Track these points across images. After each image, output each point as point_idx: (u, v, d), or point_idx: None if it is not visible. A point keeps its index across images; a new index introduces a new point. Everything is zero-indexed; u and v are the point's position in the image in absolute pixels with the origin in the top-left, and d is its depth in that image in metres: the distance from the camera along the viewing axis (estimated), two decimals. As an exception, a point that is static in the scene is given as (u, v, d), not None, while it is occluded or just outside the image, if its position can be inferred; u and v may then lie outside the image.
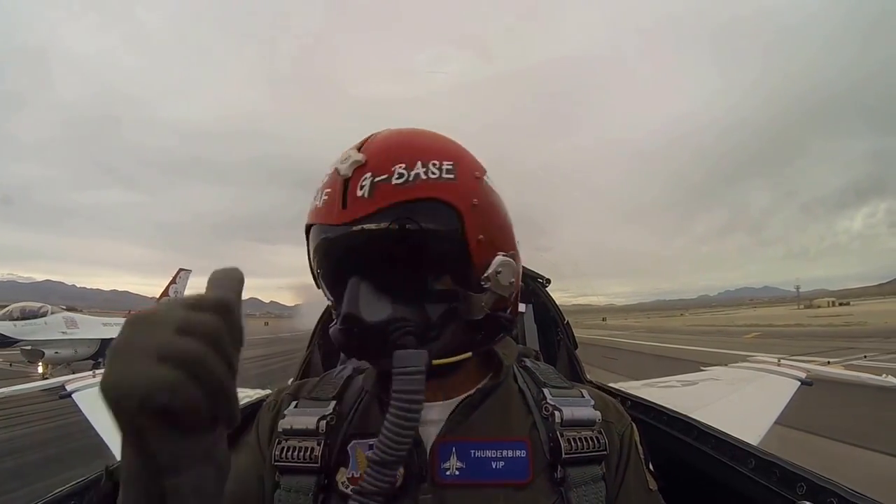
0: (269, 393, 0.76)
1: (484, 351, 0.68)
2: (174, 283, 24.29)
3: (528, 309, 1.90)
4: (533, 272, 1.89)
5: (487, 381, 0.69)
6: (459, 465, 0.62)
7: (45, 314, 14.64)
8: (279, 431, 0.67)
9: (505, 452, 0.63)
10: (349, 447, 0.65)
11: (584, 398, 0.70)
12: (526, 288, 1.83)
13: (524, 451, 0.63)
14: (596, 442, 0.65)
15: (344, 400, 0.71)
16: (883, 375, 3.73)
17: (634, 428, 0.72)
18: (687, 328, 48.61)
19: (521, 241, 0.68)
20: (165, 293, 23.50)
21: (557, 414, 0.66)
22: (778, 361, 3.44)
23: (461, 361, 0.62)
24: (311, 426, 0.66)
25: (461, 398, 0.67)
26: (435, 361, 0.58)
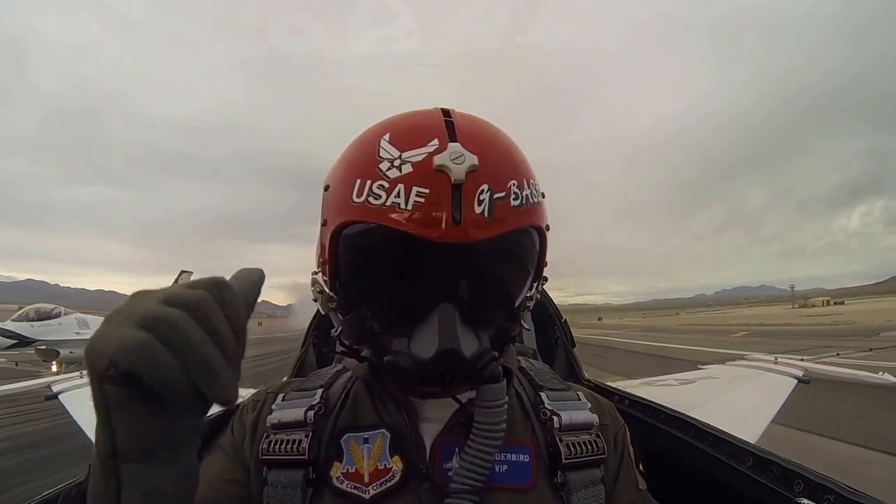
0: (252, 392, 0.73)
1: None
2: (176, 284, 24.70)
3: None
4: None
5: None
6: None
7: (58, 315, 15.30)
8: (267, 427, 0.65)
9: (509, 456, 0.62)
10: (342, 440, 0.62)
11: (580, 401, 0.69)
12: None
13: (528, 455, 0.62)
14: (594, 446, 0.64)
15: (332, 390, 0.69)
16: (880, 373, 3.76)
17: (627, 429, 0.72)
18: (679, 327, 49.15)
19: None
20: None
21: (556, 419, 0.65)
22: (775, 360, 3.45)
23: None
24: (298, 417, 0.64)
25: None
26: None
